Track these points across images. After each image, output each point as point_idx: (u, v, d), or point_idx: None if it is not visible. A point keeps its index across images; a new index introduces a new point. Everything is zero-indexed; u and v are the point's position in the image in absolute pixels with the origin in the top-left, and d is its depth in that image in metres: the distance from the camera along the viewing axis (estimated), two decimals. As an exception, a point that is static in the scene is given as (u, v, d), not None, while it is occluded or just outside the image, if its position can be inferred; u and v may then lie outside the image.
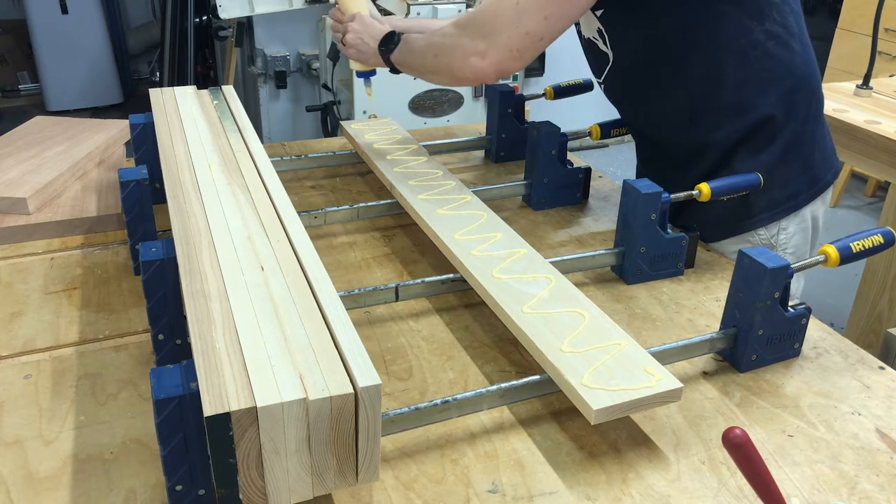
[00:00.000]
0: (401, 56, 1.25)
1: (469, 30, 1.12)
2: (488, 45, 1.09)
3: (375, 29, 1.32)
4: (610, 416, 0.80)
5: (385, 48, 1.27)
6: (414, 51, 1.22)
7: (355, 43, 1.34)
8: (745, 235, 1.24)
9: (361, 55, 1.34)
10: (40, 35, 4.73)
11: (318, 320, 0.74)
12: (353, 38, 1.34)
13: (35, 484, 0.77)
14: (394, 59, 1.26)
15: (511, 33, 1.07)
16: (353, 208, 1.28)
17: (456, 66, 1.13)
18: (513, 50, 1.08)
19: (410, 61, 1.24)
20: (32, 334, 1.00)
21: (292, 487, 0.67)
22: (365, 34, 1.32)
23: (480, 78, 1.12)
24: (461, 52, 1.12)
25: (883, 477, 0.80)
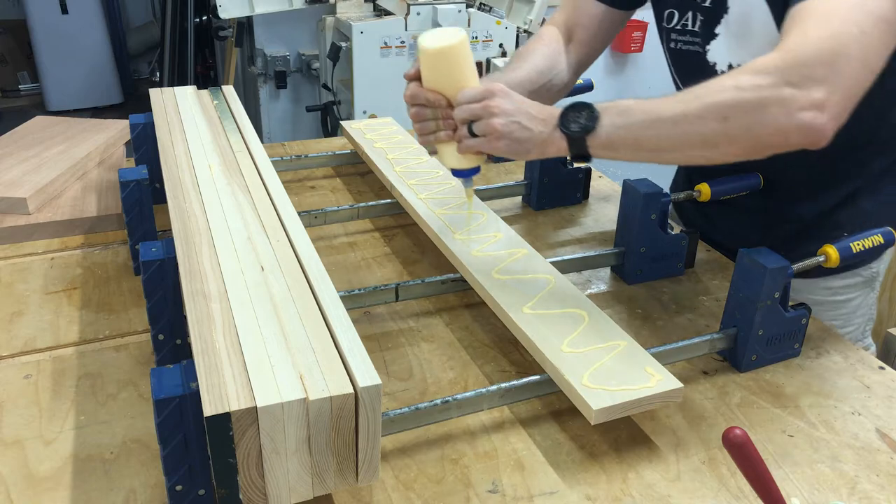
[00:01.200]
0: (616, 136, 0.86)
1: (794, 74, 0.80)
2: (829, 92, 0.79)
3: (531, 104, 0.91)
4: (610, 416, 0.80)
5: (579, 127, 0.86)
6: (660, 120, 0.84)
7: (509, 131, 0.88)
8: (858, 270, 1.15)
9: (519, 146, 0.89)
10: (40, 35, 4.72)
11: (318, 320, 0.74)
12: (506, 123, 0.88)
13: (35, 484, 0.77)
14: (600, 142, 0.86)
15: (856, 71, 0.80)
16: (353, 208, 1.28)
17: (772, 128, 0.81)
18: (854, 95, 0.82)
19: (650, 137, 0.85)
20: (32, 334, 1.00)
21: (292, 487, 0.67)
22: (522, 115, 0.89)
23: (813, 140, 0.81)
24: (783, 106, 0.79)
25: (883, 477, 0.80)
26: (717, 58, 1.08)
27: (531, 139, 0.89)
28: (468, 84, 0.92)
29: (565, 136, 0.87)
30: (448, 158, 0.97)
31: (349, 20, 2.91)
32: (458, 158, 0.96)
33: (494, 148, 0.90)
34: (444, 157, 0.98)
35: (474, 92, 0.91)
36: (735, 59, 1.06)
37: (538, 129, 0.89)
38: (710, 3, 1.06)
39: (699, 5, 1.08)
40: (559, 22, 1.22)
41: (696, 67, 1.11)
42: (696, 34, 1.10)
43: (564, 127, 0.87)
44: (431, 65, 0.93)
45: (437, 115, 0.95)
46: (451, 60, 0.91)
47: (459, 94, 0.91)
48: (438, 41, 0.91)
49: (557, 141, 0.88)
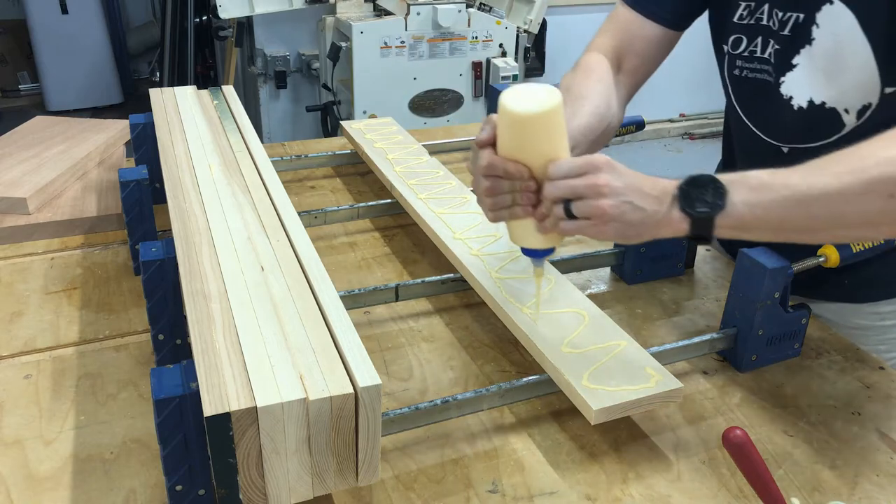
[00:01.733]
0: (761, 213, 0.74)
1: None
2: None
3: (646, 179, 0.78)
4: (610, 416, 0.80)
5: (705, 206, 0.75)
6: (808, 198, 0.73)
7: (620, 213, 0.75)
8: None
9: (629, 230, 0.77)
10: (40, 35, 4.72)
11: (318, 320, 0.74)
12: (617, 204, 0.75)
13: (35, 484, 0.77)
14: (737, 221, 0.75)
15: None
16: (353, 208, 1.28)
17: None
18: None
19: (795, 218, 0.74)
20: (32, 334, 1.00)
21: (292, 487, 0.67)
22: (634, 192, 0.75)
23: None
24: None
25: (883, 477, 0.80)
26: (793, 91, 0.98)
27: (644, 221, 0.76)
28: (561, 154, 0.77)
29: (687, 217, 0.75)
30: (523, 236, 0.82)
31: (349, 20, 2.91)
32: (537, 237, 0.81)
33: (601, 233, 0.77)
34: (518, 234, 0.82)
35: (574, 165, 0.75)
36: (819, 95, 0.95)
37: (652, 208, 0.76)
38: (788, 32, 0.96)
39: (775, 32, 0.98)
40: (606, 48, 1.08)
41: (764, 98, 1.02)
42: (767, 62, 1.00)
43: (688, 207, 0.75)
44: (518, 132, 0.76)
45: (515, 187, 0.79)
46: (545, 128, 0.75)
47: (553, 166, 0.76)
48: (529, 104, 0.74)
49: (676, 222, 0.76)
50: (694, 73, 4.29)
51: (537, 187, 0.78)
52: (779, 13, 0.97)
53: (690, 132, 4.78)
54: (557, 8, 3.84)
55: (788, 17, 0.96)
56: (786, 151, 1.02)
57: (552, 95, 0.74)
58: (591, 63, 1.06)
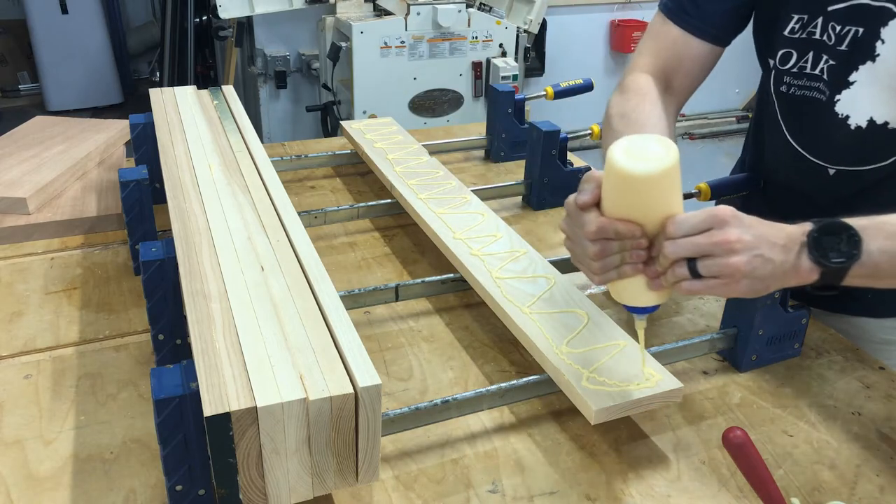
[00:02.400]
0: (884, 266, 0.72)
1: None
2: None
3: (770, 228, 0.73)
4: (610, 416, 0.80)
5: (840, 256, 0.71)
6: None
7: (751, 269, 0.70)
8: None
9: (760, 284, 0.72)
10: (40, 35, 4.72)
11: (318, 320, 0.74)
12: (749, 259, 0.70)
13: (35, 484, 0.77)
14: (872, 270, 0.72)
15: None
16: (353, 208, 1.28)
17: None
18: None
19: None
20: (32, 334, 1.00)
21: (292, 487, 0.67)
22: (764, 245, 0.71)
23: None
24: None
25: (883, 477, 0.80)
26: (850, 110, 0.93)
27: (774, 274, 0.71)
28: (678, 210, 0.71)
29: (819, 267, 0.71)
30: (631, 294, 0.76)
31: (349, 20, 2.91)
32: (647, 294, 0.75)
33: (730, 291, 0.72)
34: (626, 292, 0.76)
35: (696, 221, 0.70)
36: (883, 114, 0.91)
37: (780, 258, 0.71)
38: (846, 47, 0.92)
39: (830, 47, 0.93)
40: (651, 68, 1.05)
41: (816, 117, 0.97)
42: (818, 79, 0.96)
43: (822, 258, 0.71)
44: (632, 191, 0.70)
45: (625, 246, 0.73)
46: (664, 186, 0.69)
47: (673, 224, 0.70)
48: (646, 163, 0.68)
49: (805, 272, 0.72)
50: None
51: (649, 244, 0.73)
52: (836, 27, 0.92)
53: (690, 132, 4.78)
54: (557, 8, 3.84)
55: (847, 31, 0.91)
56: (832, 173, 0.98)
57: (669, 151, 0.68)
58: (642, 86, 1.01)
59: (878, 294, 0.85)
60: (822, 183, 0.83)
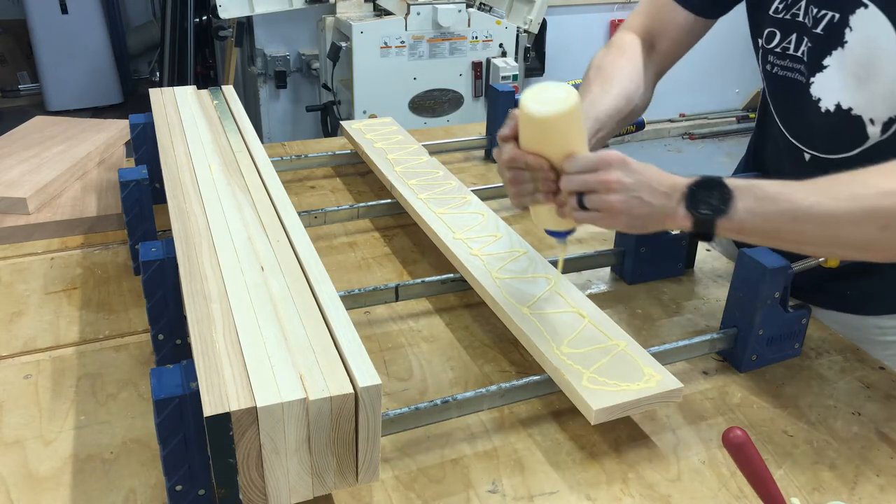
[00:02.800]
0: (760, 223, 0.78)
1: None
2: None
3: (654, 176, 0.81)
4: (610, 416, 0.80)
5: (708, 209, 0.78)
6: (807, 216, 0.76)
7: (628, 207, 0.79)
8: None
9: (638, 223, 0.81)
10: (40, 35, 4.72)
11: (318, 320, 0.74)
12: (625, 199, 0.79)
13: (35, 484, 0.77)
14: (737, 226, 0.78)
15: None
16: (353, 208, 1.28)
17: None
18: None
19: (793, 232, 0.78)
20: (32, 334, 1.00)
21: (292, 487, 0.67)
22: (644, 189, 0.80)
23: None
24: None
25: (883, 477, 0.80)
26: (822, 94, 0.96)
27: (651, 215, 0.80)
28: (577, 150, 0.81)
29: (691, 216, 0.79)
30: (544, 220, 0.88)
31: (349, 20, 2.91)
32: (557, 220, 0.86)
33: (610, 224, 0.82)
34: (540, 217, 0.88)
35: (587, 161, 0.80)
36: (848, 100, 0.93)
37: (660, 202, 0.80)
38: (822, 31, 0.93)
39: (809, 30, 0.95)
40: (639, 28, 1.10)
41: (794, 97, 1.01)
42: (800, 60, 0.98)
43: (693, 207, 0.79)
44: (539, 130, 0.80)
45: (537, 177, 0.83)
46: (562, 127, 0.80)
47: (568, 162, 0.80)
48: (548, 106, 0.78)
49: (681, 218, 0.80)
50: (694, 74, 4.29)
51: (557, 177, 0.82)
52: (814, 9, 0.94)
53: (690, 132, 4.78)
54: (557, 8, 3.84)
55: (823, 14, 0.93)
56: (807, 159, 1.01)
57: (570, 97, 0.78)
58: (625, 43, 1.08)
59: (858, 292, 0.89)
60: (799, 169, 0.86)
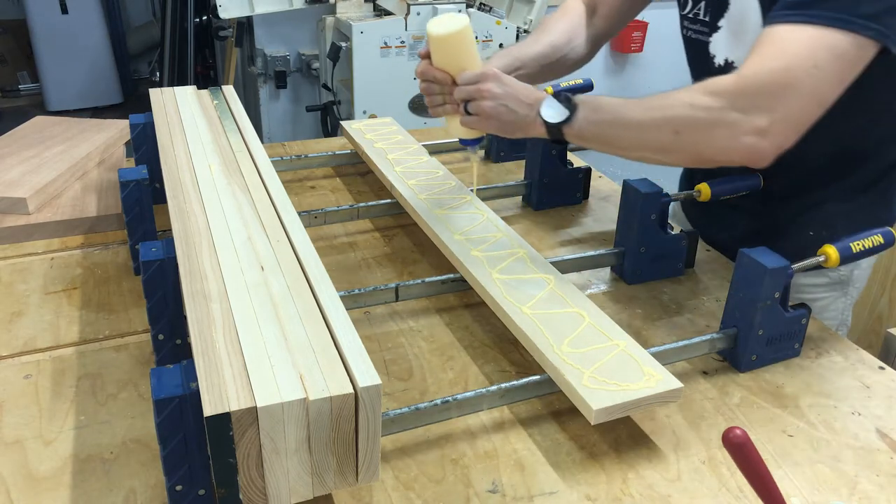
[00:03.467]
0: (589, 129, 0.94)
1: (742, 100, 0.87)
2: (773, 120, 0.86)
3: (522, 90, 0.98)
4: (610, 416, 0.80)
5: (557, 119, 0.95)
6: (620, 123, 0.93)
7: (496, 113, 0.97)
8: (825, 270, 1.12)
9: (506, 127, 0.99)
10: (40, 35, 4.72)
11: (318, 320, 0.74)
12: (494, 106, 0.97)
13: (35, 484, 0.77)
14: (574, 132, 0.95)
15: (804, 104, 0.86)
16: (353, 208, 1.28)
17: (717, 147, 0.89)
18: (801, 125, 0.87)
19: (612, 136, 0.95)
20: (32, 334, 1.00)
21: (292, 487, 0.67)
22: (510, 99, 0.97)
23: (753, 161, 0.89)
24: (728, 129, 0.87)
25: (883, 477, 0.80)
26: (716, 51, 1.11)
27: (516, 122, 0.98)
28: (469, 66, 1.00)
29: (544, 124, 0.96)
30: (453, 129, 1.06)
31: (349, 20, 2.91)
32: (463, 129, 1.04)
33: (485, 127, 1.01)
34: (451, 126, 1.07)
35: (471, 75, 0.99)
36: (731, 54, 1.09)
37: (523, 112, 0.97)
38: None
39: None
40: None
41: (701, 57, 1.14)
42: (706, 24, 1.11)
43: (544, 116, 0.96)
44: (438, 48, 1.02)
45: (444, 90, 1.03)
46: (455, 45, 1.00)
47: (459, 76, 1.00)
48: (444, 27, 0.99)
49: (538, 126, 0.97)
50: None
51: None
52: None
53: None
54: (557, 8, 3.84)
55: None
56: None
57: (460, 21, 0.99)
58: (568, 6, 1.26)
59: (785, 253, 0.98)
60: None
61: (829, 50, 0.84)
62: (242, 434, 0.62)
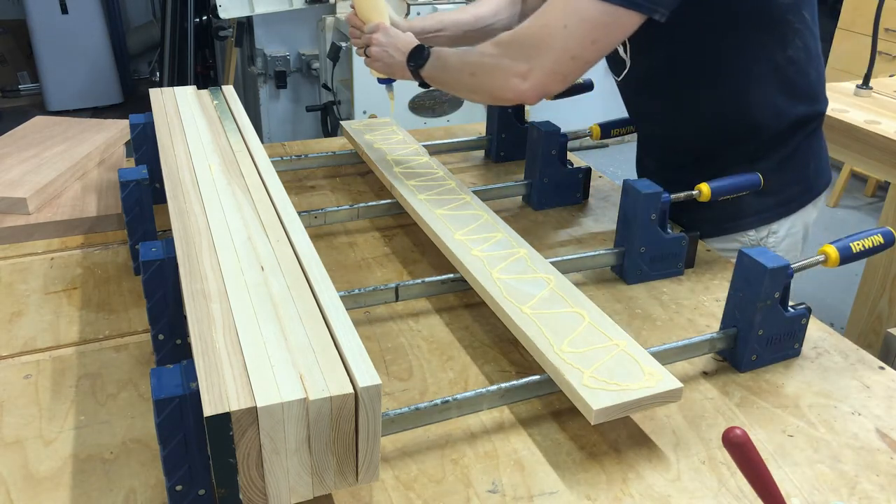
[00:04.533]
0: (433, 72, 1.20)
1: (511, 50, 1.07)
2: (531, 67, 1.05)
3: (402, 41, 1.26)
4: (610, 417, 0.80)
5: (414, 63, 1.22)
6: (448, 68, 1.18)
7: (381, 56, 1.28)
8: (735, 235, 1.27)
9: (388, 68, 1.28)
10: (40, 35, 4.72)
11: (318, 320, 0.74)
12: (379, 51, 1.28)
13: (35, 484, 0.77)
14: (424, 74, 1.21)
15: (557, 56, 1.04)
16: (353, 208, 1.28)
17: (496, 87, 1.10)
18: (557, 73, 1.05)
19: (444, 78, 1.20)
20: (32, 334, 1.00)
21: (292, 487, 0.67)
22: (391, 47, 1.26)
23: (521, 99, 1.09)
24: (501, 72, 1.08)
25: (883, 477, 0.80)
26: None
27: (394, 65, 1.27)
28: (373, 20, 1.33)
29: (409, 67, 1.23)
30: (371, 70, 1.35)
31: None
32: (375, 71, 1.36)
33: (376, 67, 1.32)
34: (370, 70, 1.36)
35: (370, 26, 1.32)
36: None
37: (399, 58, 1.25)
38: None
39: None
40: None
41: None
42: None
43: (409, 61, 1.23)
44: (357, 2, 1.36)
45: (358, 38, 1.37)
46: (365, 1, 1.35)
47: (365, 27, 1.34)
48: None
49: (409, 69, 1.24)
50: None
51: None
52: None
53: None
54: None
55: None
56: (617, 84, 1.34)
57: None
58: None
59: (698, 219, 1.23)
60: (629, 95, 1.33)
61: (576, 14, 1.01)
62: (242, 434, 0.62)
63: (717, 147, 1.24)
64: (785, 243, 1.27)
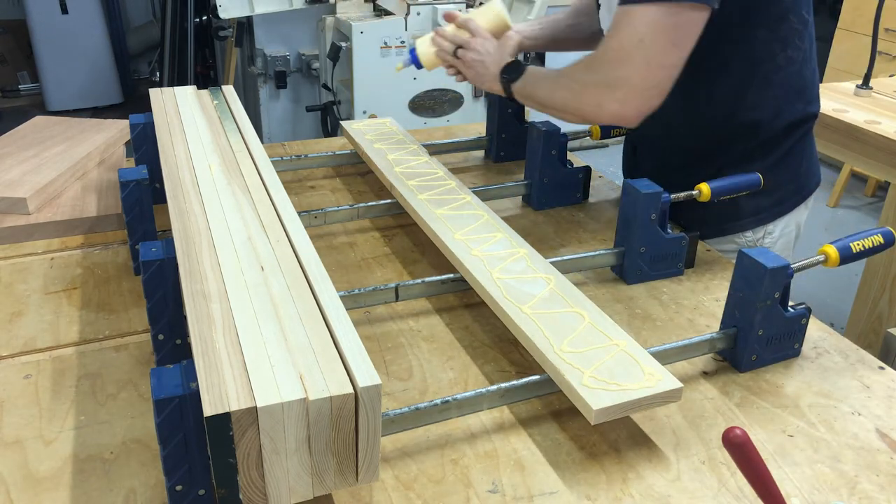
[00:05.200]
0: (525, 89, 1.20)
1: (600, 73, 1.06)
2: (625, 92, 1.03)
3: (500, 53, 1.26)
4: (610, 417, 0.80)
5: (507, 77, 1.22)
6: (540, 87, 1.18)
7: (474, 64, 1.27)
8: (732, 237, 1.28)
9: (478, 77, 1.28)
10: (40, 35, 4.72)
11: (318, 320, 0.74)
12: (475, 58, 1.27)
13: (35, 484, 0.77)
14: (515, 89, 1.21)
15: (642, 73, 1.02)
16: (353, 208, 1.28)
17: (589, 112, 1.10)
18: (649, 88, 1.03)
19: (535, 95, 1.19)
20: (32, 334, 1.00)
21: (292, 487, 0.67)
22: (488, 57, 1.26)
23: (623, 122, 1.07)
24: (595, 98, 1.07)
25: (883, 477, 0.80)
26: (604, 25, 1.27)
27: (486, 75, 1.26)
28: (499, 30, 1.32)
29: (500, 81, 1.24)
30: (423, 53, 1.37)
31: (349, 20, 2.91)
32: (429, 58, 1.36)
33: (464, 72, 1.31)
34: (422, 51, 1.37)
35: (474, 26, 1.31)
36: (605, 26, 1.25)
37: (493, 70, 1.25)
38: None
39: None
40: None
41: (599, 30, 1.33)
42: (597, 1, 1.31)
43: (504, 73, 1.23)
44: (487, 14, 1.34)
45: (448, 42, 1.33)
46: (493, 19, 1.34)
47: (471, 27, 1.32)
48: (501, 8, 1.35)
49: (498, 82, 1.24)
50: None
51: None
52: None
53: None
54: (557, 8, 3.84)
55: None
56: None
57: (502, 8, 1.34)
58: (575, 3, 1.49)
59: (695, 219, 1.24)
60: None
61: (646, 24, 0.99)
62: (242, 434, 0.62)
63: (715, 147, 1.24)
64: (780, 243, 1.28)
